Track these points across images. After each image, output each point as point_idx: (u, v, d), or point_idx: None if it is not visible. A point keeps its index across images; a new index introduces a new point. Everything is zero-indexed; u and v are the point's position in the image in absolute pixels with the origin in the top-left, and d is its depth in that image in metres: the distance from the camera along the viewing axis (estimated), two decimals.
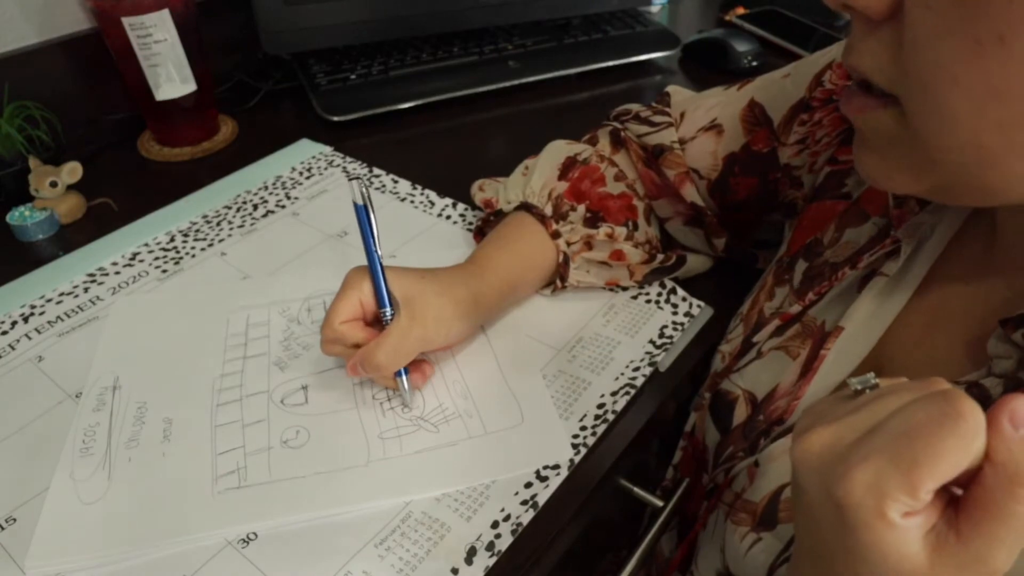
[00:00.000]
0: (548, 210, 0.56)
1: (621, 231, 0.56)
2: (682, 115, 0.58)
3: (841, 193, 0.48)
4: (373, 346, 0.46)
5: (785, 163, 0.54)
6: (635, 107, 0.62)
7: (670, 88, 0.62)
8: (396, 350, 0.47)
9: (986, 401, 0.34)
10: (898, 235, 0.41)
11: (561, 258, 0.56)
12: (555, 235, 0.55)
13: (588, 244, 0.56)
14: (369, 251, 0.48)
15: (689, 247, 0.61)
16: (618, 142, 0.61)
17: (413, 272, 0.49)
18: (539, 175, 0.59)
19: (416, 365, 0.50)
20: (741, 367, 0.48)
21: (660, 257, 0.58)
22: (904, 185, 0.34)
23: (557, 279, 0.56)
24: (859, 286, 0.43)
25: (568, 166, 0.59)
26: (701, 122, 0.57)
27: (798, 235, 0.51)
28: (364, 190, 0.48)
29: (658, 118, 0.59)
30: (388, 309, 0.48)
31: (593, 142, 0.62)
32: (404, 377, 0.48)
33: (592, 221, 0.57)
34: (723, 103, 0.57)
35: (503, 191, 0.61)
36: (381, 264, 0.48)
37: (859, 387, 0.28)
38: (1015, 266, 0.37)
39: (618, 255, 0.56)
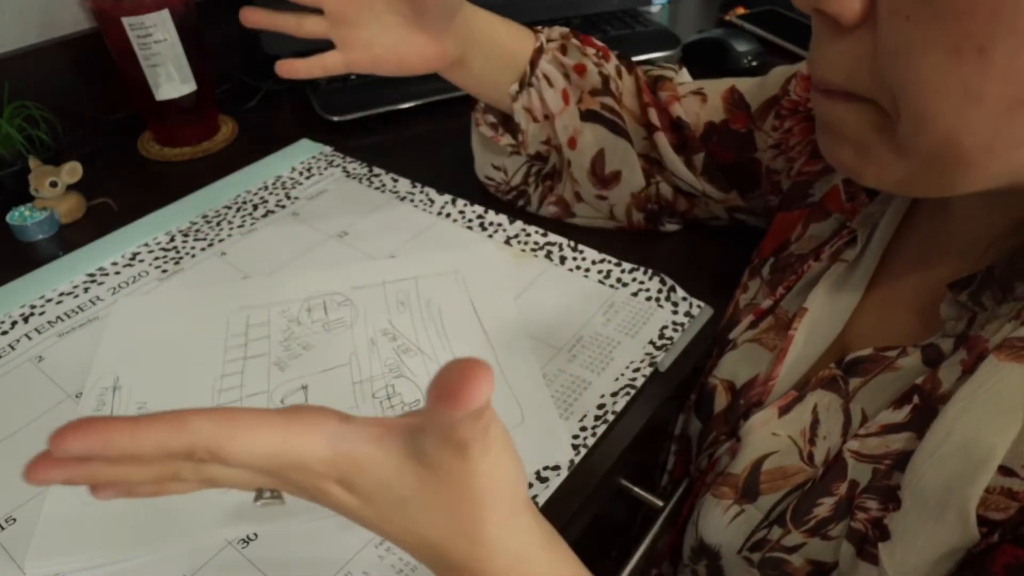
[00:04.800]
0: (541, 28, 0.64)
1: (592, 51, 0.62)
2: (671, 77, 0.65)
3: (807, 203, 0.51)
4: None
5: (767, 166, 0.59)
6: None
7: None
8: None
9: (940, 358, 0.36)
10: (853, 225, 0.45)
11: (538, 44, 0.62)
12: (537, 32, 0.63)
13: (563, 48, 0.62)
14: None
15: (672, 171, 0.62)
16: (625, 59, 0.65)
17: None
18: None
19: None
20: (719, 361, 0.50)
21: (613, 95, 0.62)
22: (872, 176, 0.35)
23: (528, 68, 0.61)
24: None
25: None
26: (691, 88, 0.63)
27: (767, 242, 0.54)
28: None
29: (665, 64, 0.67)
30: None
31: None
32: None
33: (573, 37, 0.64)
34: (710, 81, 0.63)
35: None
36: None
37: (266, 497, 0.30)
38: (965, 241, 0.39)
39: (581, 68, 0.62)
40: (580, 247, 0.64)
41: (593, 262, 0.62)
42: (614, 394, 0.51)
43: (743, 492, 0.41)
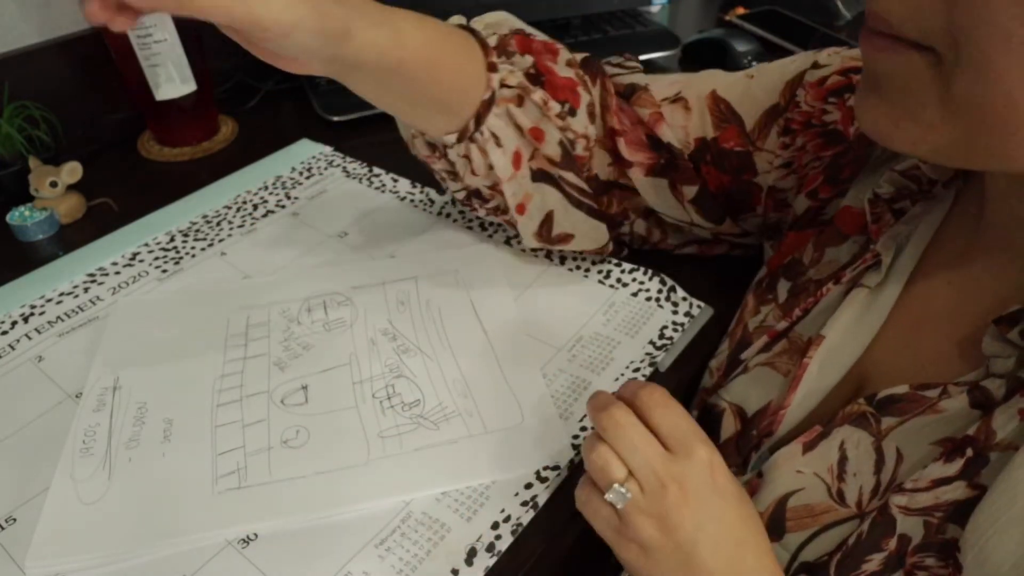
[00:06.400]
0: (492, 41, 0.50)
1: (556, 106, 0.50)
2: (646, 86, 0.55)
3: (819, 222, 0.49)
4: None
5: (771, 185, 0.53)
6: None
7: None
8: None
9: (990, 402, 0.34)
10: (877, 248, 0.42)
11: (488, 95, 0.48)
12: (492, 68, 0.48)
13: (520, 99, 0.50)
14: None
15: (651, 204, 0.57)
16: (591, 67, 0.54)
17: None
18: (494, 17, 0.53)
19: None
20: (728, 382, 0.48)
21: (575, 169, 0.51)
22: (909, 139, 0.32)
23: (472, 121, 0.48)
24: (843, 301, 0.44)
25: (528, 33, 0.54)
26: (666, 93, 0.54)
27: (776, 258, 0.51)
28: None
29: (629, 64, 0.57)
30: None
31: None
32: None
33: (535, 79, 0.50)
34: (684, 81, 0.54)
35: None
36: None
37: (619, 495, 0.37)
38: (1005, 255, 0.37)
39: (538, 134, 0.50)
40: None
41: (593, 262, 0.62)
42: None
43: (768, 531, 0.39)
